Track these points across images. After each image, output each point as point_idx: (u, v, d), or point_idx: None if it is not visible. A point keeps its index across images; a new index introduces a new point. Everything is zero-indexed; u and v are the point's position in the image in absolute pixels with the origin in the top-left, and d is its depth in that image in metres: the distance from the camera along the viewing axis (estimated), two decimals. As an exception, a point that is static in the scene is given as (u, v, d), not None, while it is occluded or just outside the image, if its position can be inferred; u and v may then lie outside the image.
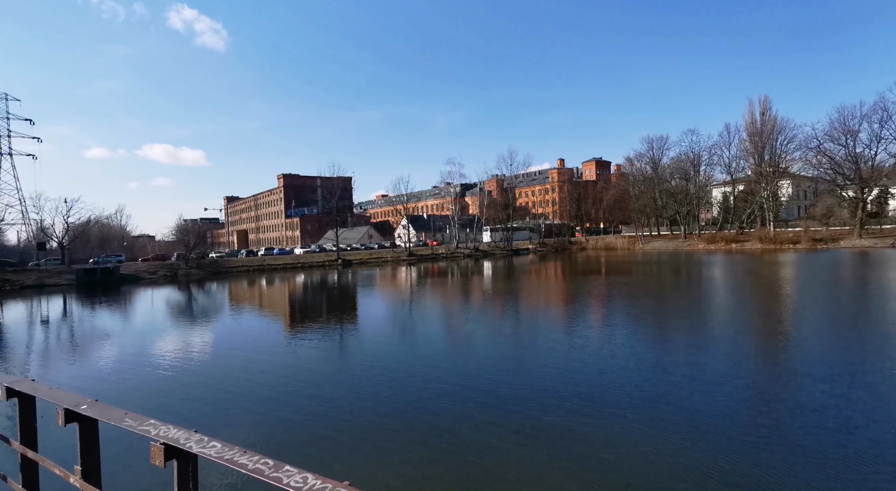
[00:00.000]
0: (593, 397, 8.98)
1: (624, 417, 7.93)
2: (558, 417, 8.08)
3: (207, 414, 9.06)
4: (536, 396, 9.18)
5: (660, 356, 11.94)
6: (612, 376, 10.23)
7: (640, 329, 15.74)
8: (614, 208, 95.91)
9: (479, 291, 30.07)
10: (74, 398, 2.35)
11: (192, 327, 20.82)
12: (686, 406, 8.30)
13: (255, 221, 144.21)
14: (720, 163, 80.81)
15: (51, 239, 62.63)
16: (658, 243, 76.81)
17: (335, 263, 65.06)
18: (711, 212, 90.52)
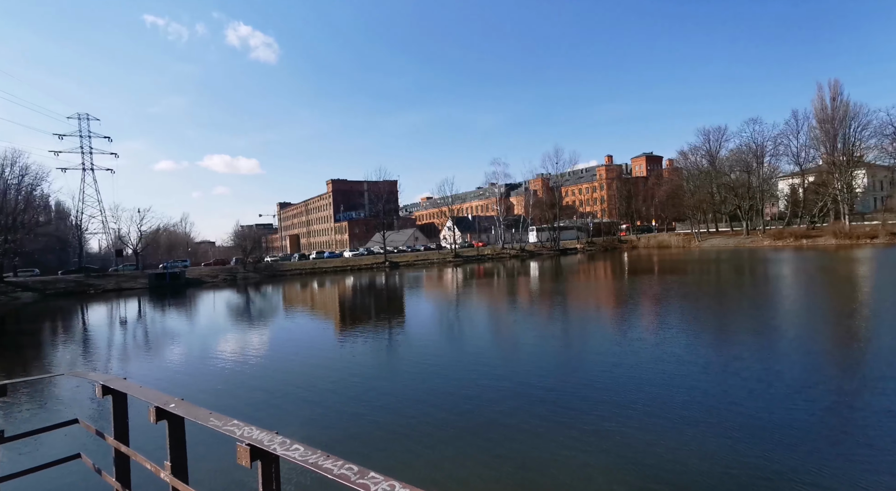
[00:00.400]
0: (655, 402, 8.56)
1: (692, 425, 7.51)
2: (618, 422, 7.77)
3: (268, 411, 9.46)
4: (592, 399, 8.88)
5: (728, 360, 11.21)
6: (677, 380, 9.72)
7: (703, 331, 14.90)
8: (667, 205, 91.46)
9: (526, 292, 29.64)
10: (163, 397, 2.48)
11: (252, 328, 21.89)
12: (762, 414, 7.74)
13: (307, 226, 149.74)
14: (787, 153, 75.16)
15: (126, 246, 67.95)
16: (717, 240, 72.62)
17: (382, 266, 66.36)
18: (777, 206, 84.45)
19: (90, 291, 50.18)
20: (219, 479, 6.27)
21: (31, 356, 18.33)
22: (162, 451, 2.47)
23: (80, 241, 71.97)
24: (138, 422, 2.92)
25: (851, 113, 64.47)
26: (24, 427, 4.77)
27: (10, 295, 46.41)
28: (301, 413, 9.28)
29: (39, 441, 7.54)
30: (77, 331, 25.15)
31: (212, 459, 6.62)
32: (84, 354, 17.71)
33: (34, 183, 57.89)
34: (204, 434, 2.69)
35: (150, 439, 3.54)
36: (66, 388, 12.16)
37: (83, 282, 52.91)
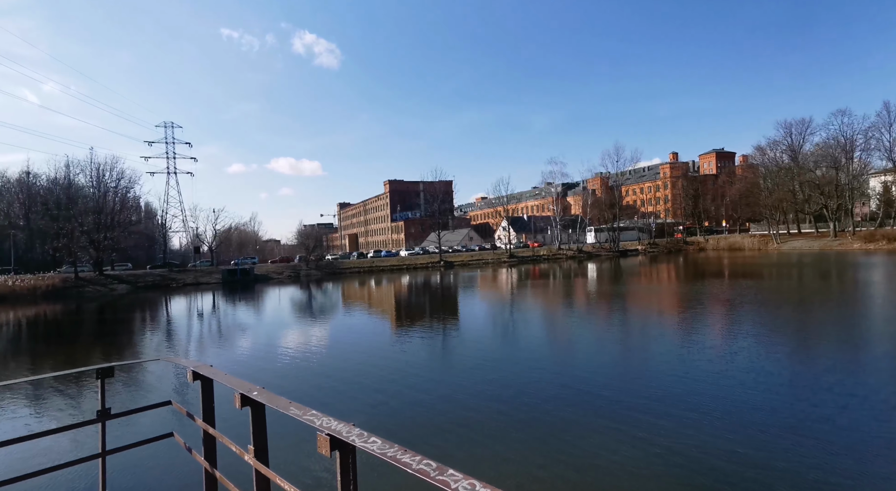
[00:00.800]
0: (732, 413, 8.00)
1: (779, 438, 6.94)
2: (689, 435, 7.34)
3: (334, 399, 9.86)
4: (654, 404, 8.45)
5: (818, 373, 10.27)
6: (758, 393, 9.03)
7: (785, 341, 13.71)
8: (740, 204, 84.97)
9: (583, 294, 28.75)
10: (246, 385, 2.66)
11: (315, 323, 22.93)
12: (845, 439, 7.02)
13: (364, 225, 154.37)
14: (879, 147, 67.64)
15: (203, 244, 73.58)
16: (798, 243, 66.54)
17: (437, 265, 67.03)
18: (869, 205, 76.04)
19: (172, 285, 54.82)
20: (295, 465, 6.64)
21: (125, 343, 20.34)
22: (245, 436, 2.65)
23: (165, 238, 78.90)
24: (224, 406, 3.15)
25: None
26: (124, 406, 5.32)
27: (108, 286, 51.77)
28: (365, 403, 9.60)
29: (137, 420, 8.36)
30: (163, 321, 27.60)
31: (288, 447, 7.02)
32: (168, 342, 19.42)
33: (128, 186, 64.32)
34: (282, 422, 2.85)
35: (234, 424, 3.81)
36: (159, 372, 13.36)
37: (167, 276, 57.92)
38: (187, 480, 5.96)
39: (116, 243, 58.30)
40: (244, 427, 2.61)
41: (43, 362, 16.35)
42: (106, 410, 3.59)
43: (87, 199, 57.88)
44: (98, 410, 3.57)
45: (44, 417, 9.99)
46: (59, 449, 7.67)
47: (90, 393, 11.37)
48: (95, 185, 58.90)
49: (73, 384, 12.31)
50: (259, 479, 2.60)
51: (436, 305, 28.15)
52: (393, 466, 1.52)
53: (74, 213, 54.07)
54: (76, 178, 61.51)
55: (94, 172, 58.82)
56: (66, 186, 59.77)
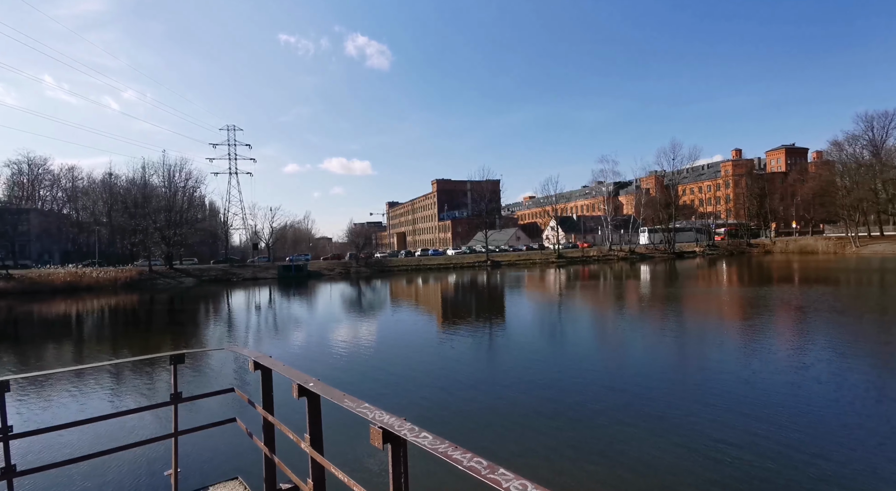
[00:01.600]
0: (778, 427, 7.44)
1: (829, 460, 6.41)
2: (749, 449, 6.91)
3: (381, 396, 10.12)
4: (716, 419, 8.00)
5: (872, 389, 9.36)
6: (831, 407, 8.36)
7: (864, 354, 12.56)
8: (813, 204, 78.45)
9: (634, 297, 27.63)
10: (303, 376, 2.80)
11: (365, 318, 23.58)
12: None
13: (412, 224, 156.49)
14: None
15: (261, 240, 77.54)
16: (881, 246, 60.52)
17: (484, 264, 66.84)
18: (969, 205, 67.88)
19: (233, 279, 58.20)
20: (348, 455, 6.90)
21: (191, 332, 21.86)
22: (301, 424, 2.79)
23: (226, 235, 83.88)
24: (282, 395, 3.33)
25: None
26: (193, 391, 5.74)
27: (177, 279, 55.80)
28: (415, 398, 9.79)
29: (201, 405, 8.98)
30: (225, 313, 29.40)
31: (341, 437, 7.29)
32: (230, 333, 20.66)
33: (195, 185, 69.06)
34: (336, 413, 2.95)
35: (291, 412, 4.01)
36: (222, 360, 14.26)
37: (228, 271, 61.56)
38: (248, 462, 6.33)
39: (184, 239, 62.63)
40: (301, 416, 2.74)
41: (122, 347, 17.90)
42: (178, 394, 3.90)
43: (159, 198, 62.68)
44: (171, 393, 3.88)
45: (125, 397, 10.93)
46: (136, 427, 8.38)
47: (161, 377, 12.32)
48: (167, 185, 63.71)
49: (149, 368, 13.39)
50: (314, 466, 2.73)
51: (482, 304, 28.10)
52: (443, 462, 1.55)
53: (149, 211, 58.68)
54: (150, 178, 66.81)
55: (165, 173, 63.66)
56: (141, 186, 65.02)
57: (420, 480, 5.92)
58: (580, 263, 66.78)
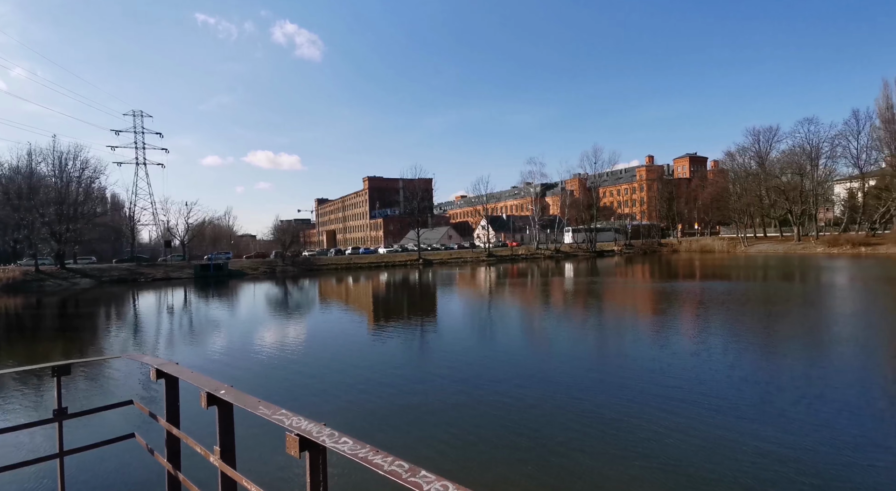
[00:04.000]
0: (690, 407, 8.21)
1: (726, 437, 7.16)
2: (653, 432, 7.51)
3: (304, 401, 9.69)
4: (627, 402, 8.62)
5: (759, 370, 10.66)
6: (721, 391, 9.29)
7: (743, 342, 14.19)
8: (711, 208, 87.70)
9: (559, 293, 29.13)
10: (214, 383, 2.56)
11: (291, 320, 22.54)
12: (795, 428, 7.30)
13: (343, 222, 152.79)
14: (845, 155, 70.71)
15: (175, 238, 71.46)
16: (764, 246, 69.04)
17: (416, 263, 66.88)
18: (832, 211, 79.45)
19: (141, 280, 53.09)
20: (264, 466, 6.48)
21: (88, 339, 19.57)
22: (212, 436, 2.55)
23: (133, 231, 76.27)
24: (190, 406, 3.03)
25: (923, 112, 59.83)
26: (84, 405, 5.08)
27: (70, 280, 49.73)
28: (340, 402, 9.47)
29: (97, 419, 8.03)
30: (129, 317, 26.68)
31: (257, 447, 6.85)
32: (135, 339, 18.76)
33: (93, 176, 61.78)
34: (251, 422, 2.75)
35: (202, 424, 3.68)
36: (123, 370, 12.89)
37: (134, 270, 56.04)
38: (149, 482, 5.76)
39: (79, 236, 56.07)
40: (213, 427, 2.52)
41: (2, 357, 15.59)
42: (63, 409, 3.42)
43: (48, 190, 55.44)
44: (54, 409, 3.39)
45: (7, 414, 9.52)
46: (18, 448, 7.30)
47: (51, 391, 10.89)
48: (58, 174, 56.45)
49: (33, 382, 11.76)
50: (225, 481, 2.50)
51: (414, 302, 28.07)
52: (366, 468, 1.48)
53: (35, 203, 51.73)
54: (38, 167, 58.83)
55: (56, 161, 56.37)
56: (27, 175, 57.04)
57: (341, 487, 5.72)
58: (509, 261, 69.06)
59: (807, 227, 71.05)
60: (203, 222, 79.54)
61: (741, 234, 75.33)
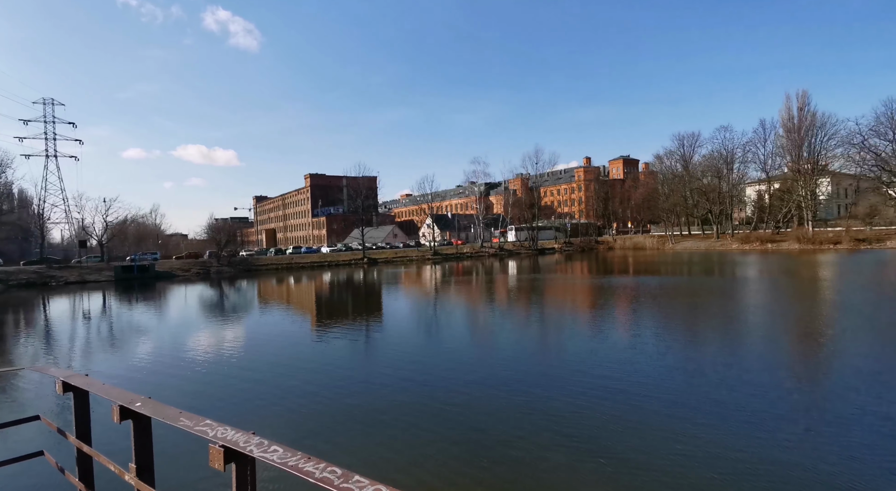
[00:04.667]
0: (627, 396, 8.71)
1: (657, 423, 7.67)
2: (593, 421, 7.88)
3: (243, 408, 9.22)
4: (567, 397, 8.98)
5: (687, 358, 11.55)
6: (654, 379, 9.92)
7: (671, 332, 15.27)
8: (643, 207, 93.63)
9: (503, 291, 29.83)
10: (128, 395, 2.36)
11: (226, 323, 21.34)
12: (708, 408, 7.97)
13: (283, 220, 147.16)
14: (755, 160, 78.13)
15: (91, 237, 65.33)
16: (689, 243, 74.66)
17: (361, 262, 65.77)
18: (745, 211, 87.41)
19: (52, 283, 48.14)
20: (187, 482, 6.06)
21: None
22: (129, 451, 2.35)
23: (42, 230, 68.95)
24: (105, 420, 2.77)
25: (818, 123, 67.26)
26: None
27: (-36, 286, 44.08)
28: (278, 411, 9.06)
29: (3, 437, 7.17)
30: (39, 324, 24.07)
31: (181, 462, 6.39)
32: (46, 349, 16.93)
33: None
34: (175, 435, 2.57)
35: (118, 439, 3.38)
36: (30, 383, 11.61)
37: (45, 273, 50.69)
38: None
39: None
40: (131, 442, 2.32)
41: None
42: (-45, 428, 3.01)
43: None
44: None
45: None
46: None
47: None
48: (-50, 166, 49.86)
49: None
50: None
51: (359, 302, 27.58)
52: (299, 478, 1.41)
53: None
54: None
55: (-52, 152, 49.67)
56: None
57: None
58: (455, 259, 69.71)
59: (724, 226, 77.66)
60: (125, 221, 73.52)
61: (669, 233, 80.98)
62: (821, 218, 70.98)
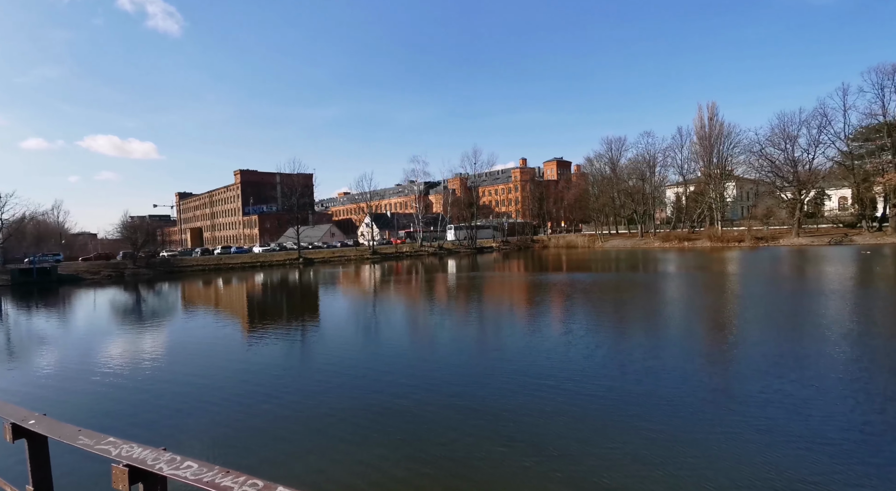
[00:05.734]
0: (563, 392, 9.09)
1: (591, 416, 8.08)
2: (531, 417, 8.13)
3: (160, 424, 8.51)
4: (507, 395, 9.21)
5: (618, 351, 12.31)
6: (587, 374, 10.42)
7: (602, 326, 16.18)
8: (575, 207, 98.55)
9: (443, 290, 30.04)
10: (21, 412, 2.09)
11: (142, 331, 19.61)
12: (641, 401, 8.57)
13: (211, 219, 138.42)
14: (673, 164, 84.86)
15: (-20, 237, 57.49)
16: (616, 241, 79.50)
17: (296, 262, 63.36)
18: (666, 211, 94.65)
19: (-72, 290, 41.75)
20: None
21: None
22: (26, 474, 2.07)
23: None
24: None
25: (725, 131, 74.50)
26: None
27: None
28: (200, 425, 8.44)
29: None
30: None
31: (86, 484, 5.76)
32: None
33: None
34: (76, 455, 2.31)
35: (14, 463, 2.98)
36: None
37: (-82, 279, 43.86)
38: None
39: None
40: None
41: None
42: None
43: None
44: None
45: None
46: None
47: None
48: None
49: None
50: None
51: (294, 304, 26.53)
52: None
53: None
54: None
55: None
56: None
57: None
58: (394, 258, 69.18)
59: (647, 225, 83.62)
60: (23, 218, 65.60)
61: (599, 232, 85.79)
62: (728, 218, 78.60)
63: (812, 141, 64.79)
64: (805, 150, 65.56)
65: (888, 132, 58.28)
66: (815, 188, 68.02)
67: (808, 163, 65.54)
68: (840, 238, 57.22)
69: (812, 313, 16.47)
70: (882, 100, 58.65)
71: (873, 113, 60.05)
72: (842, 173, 65.68)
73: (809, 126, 64.23)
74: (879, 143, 60.47)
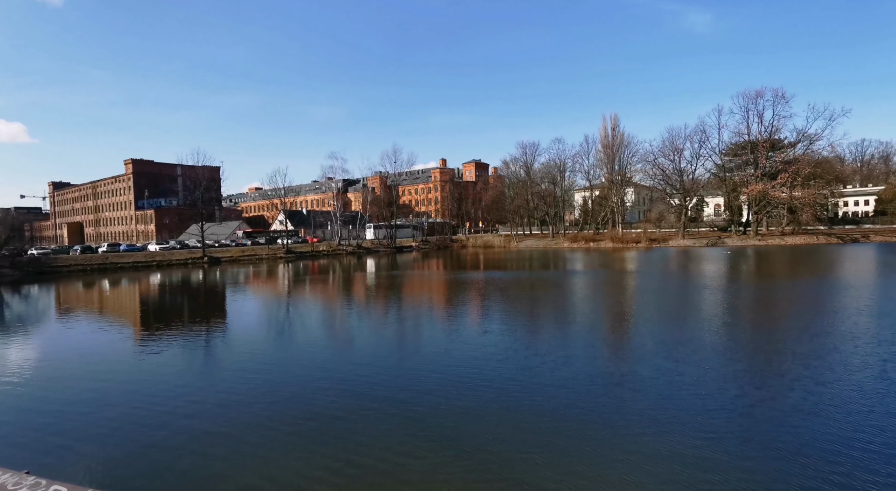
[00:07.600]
0: (479, 390, 9.33)
1: (506, 412, 8.39)
2: (449, 418, 8.23)
3: (12, 449, 7.32)
4: (428, 393, 9.25)
5: (531, 346, 12.97)
6: (504, 372, 10.77)
7: (518, 324, 16.91)
8: (492, 208, 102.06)
9: (361, 290, 29.46)
10: None
11: (5, 342, 16.73)
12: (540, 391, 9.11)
13: (95, 213, 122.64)
14: (581, 170, 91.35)
15: None
16: (530, 242, 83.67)
17: (200, 261, 58.28)
18: (574, 214, 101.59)
19: None
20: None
21: None
22: None
23: None
24: None
25: (626, 141, 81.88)
26: None
27: None
28: (74, 446, 7.36)
29: None
30: None
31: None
32: None
33: None
34: None
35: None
36: None
37: None
38: None
39: None
40: None
41: None
42: None
43: None
44: None
45: None
46: None
47: None
48: None
49: None
50: None
51: (195, 307, 24.35)
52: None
53: None
54: None
55: None
56: None
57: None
58: (310, 257, 66.45)
59: (558, 227, 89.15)
60: None
61: (514, 232, 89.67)
62: (627, 221, 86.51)
63: (694, 154, 73.84)
64: (689, 161, 74.43)
65: (751, 149, 68.15)
66: (696, 196, 77.54)
67: (692, 173, 74.53)
68: (715, 240, 65.71)
69: (692, 305, 18.65)
70: (747, 121, 68.52)
71: (740, 132, 70.14)
72: (717, 183, 75.80)
73: (692, 141, 73.13)
74: (745, 158, 70.51)
